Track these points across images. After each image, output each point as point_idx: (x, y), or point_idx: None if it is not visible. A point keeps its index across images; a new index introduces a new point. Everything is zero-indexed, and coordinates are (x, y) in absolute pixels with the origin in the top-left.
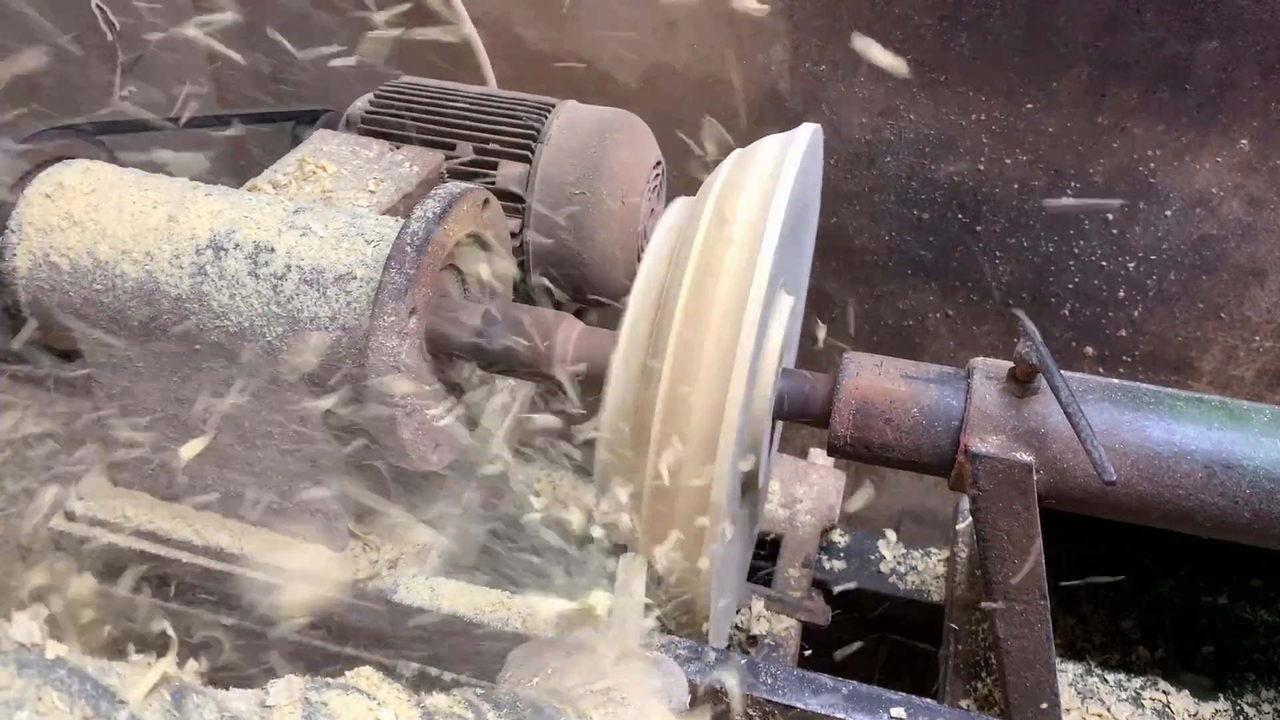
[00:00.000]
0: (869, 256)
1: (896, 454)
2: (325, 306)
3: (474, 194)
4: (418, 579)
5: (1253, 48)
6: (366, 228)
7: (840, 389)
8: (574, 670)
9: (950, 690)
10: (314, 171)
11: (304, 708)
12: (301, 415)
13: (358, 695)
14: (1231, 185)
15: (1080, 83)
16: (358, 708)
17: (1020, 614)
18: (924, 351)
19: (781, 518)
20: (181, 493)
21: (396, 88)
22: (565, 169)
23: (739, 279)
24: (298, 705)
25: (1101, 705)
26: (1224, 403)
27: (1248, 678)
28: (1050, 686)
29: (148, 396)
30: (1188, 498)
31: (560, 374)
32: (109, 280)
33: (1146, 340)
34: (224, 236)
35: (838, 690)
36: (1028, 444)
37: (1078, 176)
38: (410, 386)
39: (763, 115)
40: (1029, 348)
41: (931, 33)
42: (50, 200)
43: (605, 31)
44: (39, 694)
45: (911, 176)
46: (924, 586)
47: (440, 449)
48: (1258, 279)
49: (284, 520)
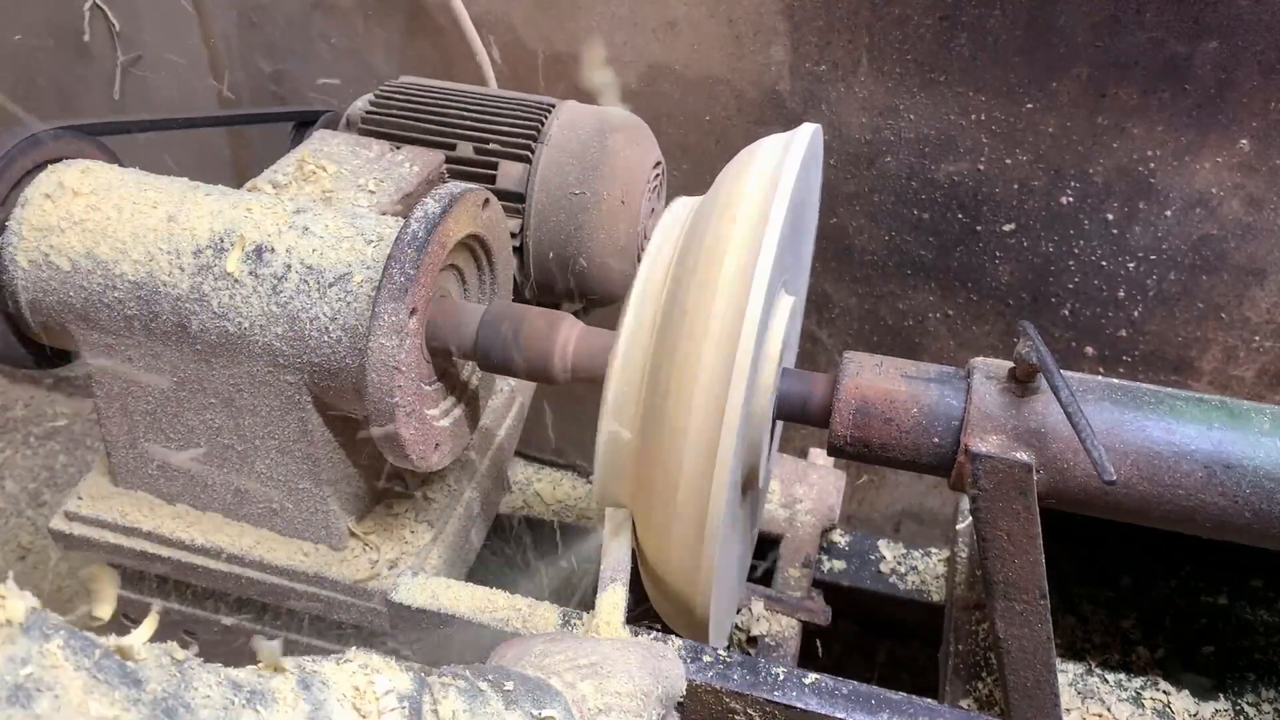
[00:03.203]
0: (869, 256)
1: (896, 454)
2: (325, 306)
3: (474, 194)
4: (418, 579)
5: (1253, 48)
6: (366, 228)
7: (840, 389)
8: (559, 650)
9: (950, 690)
10: (314, 171)
11: (299, 674)
12: (301, 415)
13: (349, 664)
14: (1231, 185)
15: (1080, 83)
16: (350, 671)
17: (1020, 614)
18: (924, 351)
19: (781, 518)
20: (182, 493)
21: (396, 88)
22: (565, 169)
23: (739, 279)
24: (293, 672)
25: (1101, 705)
26: (1224, 403)
27: (1248, 678)
28: (1050, 686)
29: (148, 396)
30: (1188, 498)
31: (560, 374)
32: (109, 280)
33: (1146, 340)
34: (224, 236)
35: (838, 690)
36: (1028, 444)
37: (1078, 176)
38: (410, 386)
39: (763, 115)
40: (1029, 348)
41: (931, 33)
42: (50, 200)
43: (605, 31)
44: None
45: (911, 176)
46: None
47: (440, 449)
48: (1258, 279)
49: (284, 520)
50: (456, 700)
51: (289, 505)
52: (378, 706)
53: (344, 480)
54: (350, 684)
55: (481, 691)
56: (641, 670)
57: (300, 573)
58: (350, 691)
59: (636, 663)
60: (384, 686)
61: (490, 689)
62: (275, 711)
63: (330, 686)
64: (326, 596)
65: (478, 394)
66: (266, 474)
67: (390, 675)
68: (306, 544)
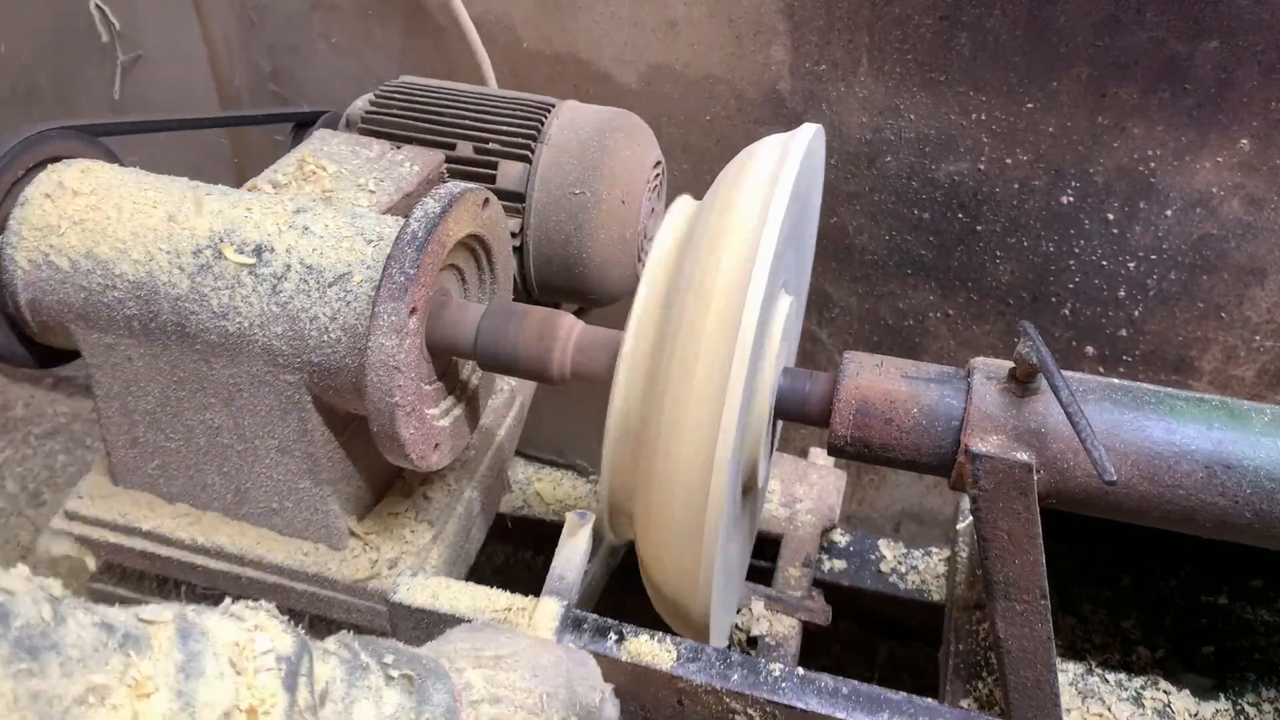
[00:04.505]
0: (869, 256)
1: (896, 454)
2: (325, 306)
3: (474, 194)
4: (418, 579)
5: (1253, 48)
6: (366, 227)
7: (840, 389)
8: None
9: (950, 690)
10: (314, 171)
11: (179, 623)
12: (301, 415)
13: (234, 619)
14: (1231, 185)
15: (1080, 83)
16: (233, 628)
17: (1020, 614)
18: (924, 351)
19: (781, 518)
20: (182, 492)
21: (396, 87)
22: (565, 169)
23: (738, 279)
24: (173, 620)
25: (1102, 705)
26: (1224, 403)
27: (1248, 678)
28: (1050, 686)
29: (147, 396)
30: (1188, 498)
31: (560, 374)
32: (109, 280)
33: (1146, 340)
34: (224, 236)
35: (838, 690)
36: (1028, 444)
37: (1078, 176)
38: (410, 386)
39: (762, 115)
40: (1029, 348)
41: (931, 33)
42: (50, 200)
43: (605, 31)
44: None
45: (911, 176)
46: (924, 586)
47: (440, 449)
48: (1258, 279)
49: (284, 520)
50: (336, 669)
51: (289, 505)
52: (254, 665)
53: (344, 480)
54: (232, 639)
55: (364, 665)
56: (551, 671)
57: (300, 572)
58: (229, 647)
59: (548, 663)
60: (264, 646)
61: (374, 663)
62: (147, 659)
63: (209, 638)
64: (326, 596)
65: (478, 394)
66: (266, 474)
67: (274, 635)
68: (306, 544)
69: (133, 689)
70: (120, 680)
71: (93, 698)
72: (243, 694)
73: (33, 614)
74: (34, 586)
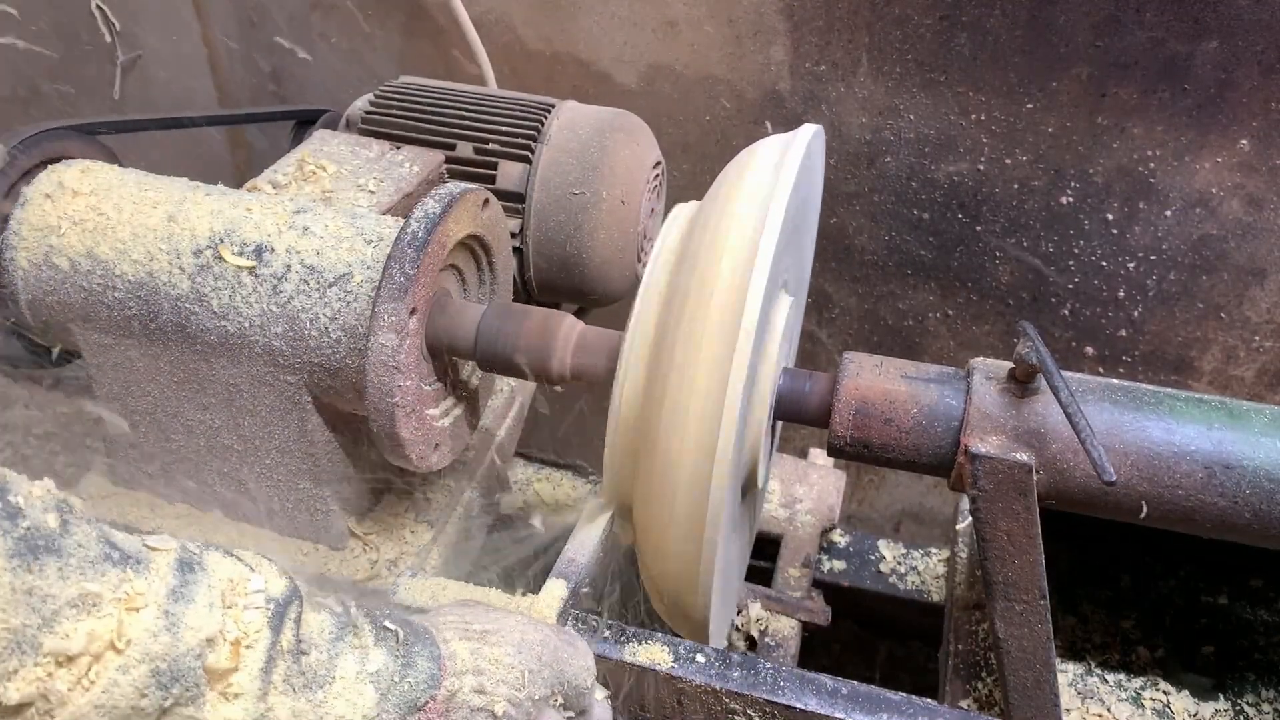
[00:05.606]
0: (869, 256)
1: (896, 454)
2: (325, 306)
3: (474, 194)
4: (417, 579)
5: (1253, 48)
6: (366, 228)
7: (840, 389)
8: (461, 613)
9: (950, 690)
10: (314, 171)
11: (181, 552)
12: (301, 415)
13: (234, 559)
14: (1231, 185)
15: (1080, 83)
16: (231, 565)
17: (1020, 614)
18: (924, 351)
19: (781, 518)
20: (182, 493)
21: (396, 88)
22: (565, 169)
23: (737, 279)
24: (175, 549)
25: (1101, 705)
26: (1224, 403)
27: (1248, 678)
28: (1050, 686)
29: (147, 397)
30: (1188, 498)
31: (560, 374)
32: (109, 280)
33: (1146, 340)
34: (224, 236)
35: (838, 690)
36: (1028, 444)
37: (1077, 177)
38: (410, 386)
39: (762, 115)
40: (1029, 348)
41: (931, 33)
42: (50, 200)
43: (605, 31)
44: None
45: (911, 176)
46: (924, 586)
47: (440, 449)
48: (1258, 279)
49: (284, 520)
50: (327, 621)
51: (289, 505)
52: (244, 602)
53: (344, 480)
54: (227, 575)
55: (355, 624)
56: (538, 648)
57: (300, 573)
58: (224, 581)
59: (536, 641)
60: (257, 585)
61: (368, 624)
62: (143, 578)
63: (206, 572)
64: None
65: (478, 394)
66: (266, 474)
67: (268, 577)
68: (306, 544)
69: (123, 602)
70: (114, 592)
71: (85, 603)
72: (228, 626)
73: (40, 519)
74: (52, 498)
